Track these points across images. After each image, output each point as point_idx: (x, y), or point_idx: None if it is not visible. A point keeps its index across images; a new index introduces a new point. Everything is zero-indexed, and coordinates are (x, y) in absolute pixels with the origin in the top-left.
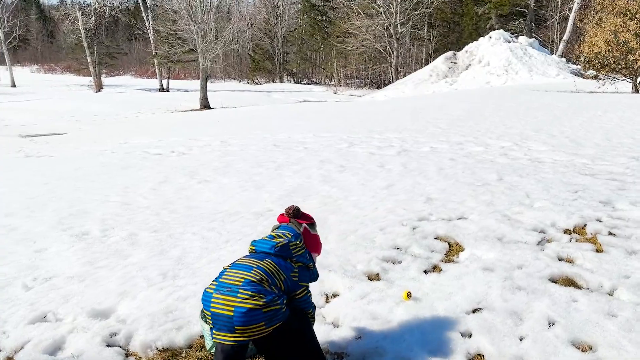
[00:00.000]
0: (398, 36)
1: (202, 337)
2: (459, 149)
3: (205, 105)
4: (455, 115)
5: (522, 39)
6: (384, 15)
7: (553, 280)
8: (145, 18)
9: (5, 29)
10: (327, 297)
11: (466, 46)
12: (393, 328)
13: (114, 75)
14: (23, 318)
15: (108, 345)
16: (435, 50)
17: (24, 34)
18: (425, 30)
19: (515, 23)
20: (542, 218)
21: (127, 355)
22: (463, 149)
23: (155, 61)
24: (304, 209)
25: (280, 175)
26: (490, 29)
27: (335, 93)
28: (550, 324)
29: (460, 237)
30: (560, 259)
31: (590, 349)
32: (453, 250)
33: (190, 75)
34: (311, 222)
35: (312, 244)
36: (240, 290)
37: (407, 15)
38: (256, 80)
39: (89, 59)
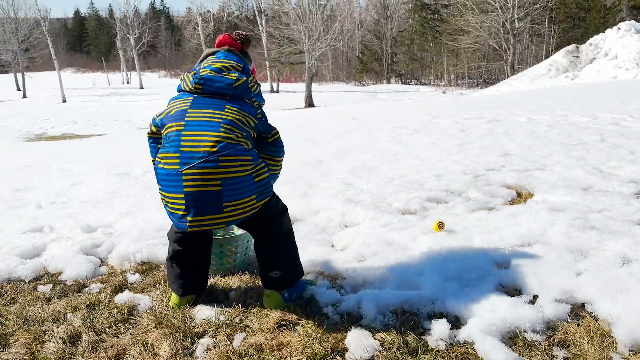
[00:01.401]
0: (515, 32)
1: None
2: (562, 119)
3: (310, 103)
4: (566, 96)
5: None
6: (499, 11)
7: None
8: (259, 22)
9: (136, 35)
10: (346, 227)
11: (590, 39)
12: (409, 255)
13: None
14: (19, 229)
15: (85, 254)
16: (557, 46)
17: (152, 40)
18: (546, 25)
19: None
20: None
21: (101, 265)
22: (566, 119)
23: (267, 63)
24: (357, 160)
25: (344, 137)
26: (619, 22)
27: (444, 93)
28: (625, 262)
29: (534, 185)
30: None
31: None
32: (521, 197)
33: (300, 79)
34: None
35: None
36: (220, 159)
37: (526, 10)
38: (363, 82)
39: None
